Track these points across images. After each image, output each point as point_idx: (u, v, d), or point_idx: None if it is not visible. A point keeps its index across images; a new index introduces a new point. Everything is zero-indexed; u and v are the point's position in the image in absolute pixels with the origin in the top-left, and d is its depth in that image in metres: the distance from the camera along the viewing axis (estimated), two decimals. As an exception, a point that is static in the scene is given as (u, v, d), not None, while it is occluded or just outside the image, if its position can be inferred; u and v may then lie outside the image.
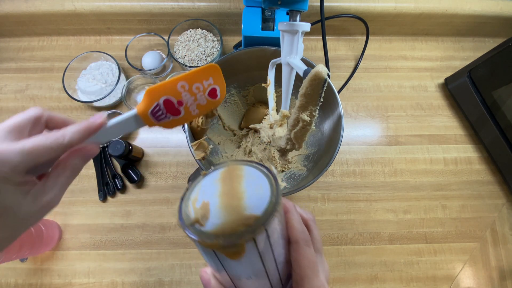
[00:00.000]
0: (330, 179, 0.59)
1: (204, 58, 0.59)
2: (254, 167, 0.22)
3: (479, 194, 0.59)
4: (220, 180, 0.21)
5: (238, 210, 0.19)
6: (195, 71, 0.27)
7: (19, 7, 0.59)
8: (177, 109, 0.27)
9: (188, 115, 0.28)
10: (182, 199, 0.20)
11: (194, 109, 0.28)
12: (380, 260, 0.55)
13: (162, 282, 0.53)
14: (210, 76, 0.28)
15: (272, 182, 0.20)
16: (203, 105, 0.28)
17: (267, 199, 0.19)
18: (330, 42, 0.67)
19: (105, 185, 0.56)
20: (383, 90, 0.65)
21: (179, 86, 0.27)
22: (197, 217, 0.19)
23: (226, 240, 0.17)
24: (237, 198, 0.19)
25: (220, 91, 0.29)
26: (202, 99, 0.28)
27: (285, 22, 0.36)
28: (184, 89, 0.27)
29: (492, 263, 0.55)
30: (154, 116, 0.26)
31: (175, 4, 0.60)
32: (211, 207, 0.19)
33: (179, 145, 0.60)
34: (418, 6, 0.61)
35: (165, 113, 0.27)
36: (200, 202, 0.20)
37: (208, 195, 0.20)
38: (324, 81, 0.29)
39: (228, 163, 0.22)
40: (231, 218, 0.18)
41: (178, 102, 0.27)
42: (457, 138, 0.62)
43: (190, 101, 0.27)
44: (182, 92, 0.27)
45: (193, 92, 0.27)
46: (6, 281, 0.52)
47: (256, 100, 0.57)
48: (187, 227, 0.19)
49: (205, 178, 0.21)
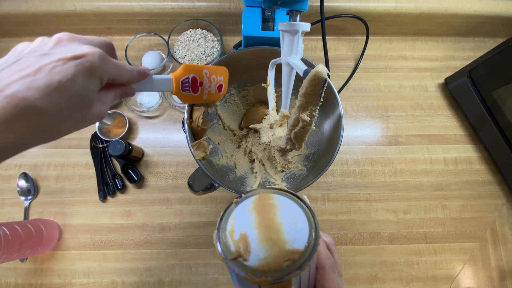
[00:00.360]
0: (330, 179, 0.59)
1: (204, 58, 0.59)
2: (286, 195, 0.22)
3: (479, 194, 0.59)
4: (254, 210, 0.21)
5: (280, 244, 0.19)
6: (215, 66, 0.35)
7: (19, 7, 0.59)
8: (197, 87, 0.33)
9: (200, 96, 0.34)
10: (219, 230, 0.20)
11: (206, 93, 0.34)
12: (380, 260, 0.55)
13: (162, 282, 0.53)
14: (222, 75, 0.36)
15: (308, 214, 0.21)
16: (212, 93, 0.35)
17: (307, 233, 0.20)
18: (330, 42, 0.67)
19: (105, 185, 0.56)
20: (383, 90, 0.65)
21: (204, 72, 0.33)
22: (239, 251, 0.19)
23: (274, 277, 0.18)
24: (275, 230, 0.20)
25: (224, 88, 0.37)
26: (213, 88, 0.35)
27: (285, 22, 0.36)
28: (206, 76, 0.34)
29: (492, 263, 0.55)
30: (182, 85, 0.31)
31: (175, 4, 0.60)
32: (250, 239, 0.19)
33: (179, 145, 0.60)
34: (418, 6, 0.61)
35: (189, 87, 0.32)
36: (237, 233, 0.20)
37: (244, 226, 0.20)
38: (324, 81, 0.29)
39: (258, 191, 0.23)
40: (274, 253, 0.19)
41: (200, 82, 0.33)
42: (457, 138, 0.62)
43: (206, 85, 0.34)
44: (205, 77, 0.33)
45: (210, 80, 0.34)
46: (6, 281, 0.52)
47: (256, 100, 0.57)
48: (230, 261, 0.19)
49: (238, 207, 0.22)
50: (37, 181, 0.57)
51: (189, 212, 0.56)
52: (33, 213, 0.55)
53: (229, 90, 0.53)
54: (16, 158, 0.58)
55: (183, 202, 0.57)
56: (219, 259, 0.19)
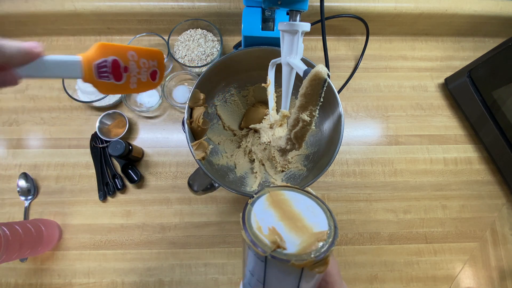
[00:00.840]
0: (330, 179, 0.59)
1: (204, 58, 0.59)
2: (292, 190, 0.25)
3: (479, 194, 0.59)
4: (271, 206, 0.23)
5: (308, 229, 0.21)
6: (145, 48, 0.29)
7: (19, 7, 0.59)
8: (121, 73, 0.27)
9: (127, 85, 0.28)
10: (246, 230, 0.21)
11: (134, 82, 0.29)
12: (380, 260, 0.55)
13: (162, 282, 0.53)
14: (155, 59, 0.30)
15: (317, 201, 0.24)
16: (143, 82, 0.29)
17: (324, 216, 0.22)
18: (330, 42, 0.67)
19: (105, 185, 0.56)
20: (383, 90, 0.65)
21: (129, 55, 0.27)
22: (276, 242, 0.20)
23: (317, 256, 0.19)
24: (299, 219, 0.22)
25: (160, 76, 0.31)
26: (144, 76, 0.29)
27: (285, 22, 0.36)
28: (133, 58, 0.28)
29: (492, 263, 0.55)
30: (97, 71, 0.26)
31: (175, 4, 0.60)
32: (280, 231, 0.21)
33: (179, 145, 0.60)
34: (418, 6, 0.61)
35: (109, 72, 0.26)
36: (265, 228, 0.21)
37: (269, 221, 0.22)
38: (324, 81, 0.29)
39: (267, 190, 0.25)
40: (306, 237, 0.21)
41: (124, 67, 0.27)
42: (457, 138, 0.62)
43: (134, 72, 0.28)
44: (130, 60, 0.27)
45: (139, 65, 0.28)
46: (6, 281, 0.52)
47: (256, 100, 0.57)
48: (272, 253, 0.20)
49: (255, 207, 0.23)
50: (37, 181, 0.57)
51: (189, 212, 0.56)
52: (33, 213, 0.55)
53: (229, 90, 0.53)
54: (16, 158, 0.58)
55: (183, 202, 0.57)
56: (258, 256, 0.20)
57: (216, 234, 0.55)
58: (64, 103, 0.61)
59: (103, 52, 0.26)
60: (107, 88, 0.27)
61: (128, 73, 0.28)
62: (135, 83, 0.29)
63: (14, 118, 0.60)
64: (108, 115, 0.58)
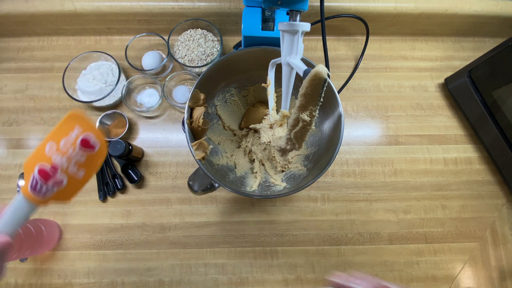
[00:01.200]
0: (330, 179, 0.59)
1: (204, 58, 0.59)
2: None
3: (479, 194, 0.59)
4: None
5: None
6: (57, 125, 0.24)
7: (19, 7, 0.59)
8: (55, 176, 0.23)
9: (74, 180, 0.24)
10: None
11: (76, 170, 0.24)
12: (380, 260, 0.55)
13: (162, 282, 0.53)
14: (75, 125, 0.24)
15: None
16: (84, 162, 0.24)
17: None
18: (330, 42, 0.67)
19: (105, 185, 0.56)
20: (383, 90, 0.65)
21: (48, 149, 0.23)
22: None
23: None
24: None
25: (96, 137, 0.24)
26: (78, 155, 0.24)
27: (285, 22, 0.36)
28: (52, 151, 0.23)
29: (492, 263, 0.55)
30: (36, 191, 0.23)
31: (175, 4, 0.60)
32: None
33: (179, 145, 0.60)
34: (418, 6, 0.61)
35: (43, 185, 0.23)
36: None
37: None
38: (324, 81, 0.29)
39: None
40: None
41: (52, 167, 0.23)
42: (457, 138, 0.62)
43: (64, 163, 0.24)
44: (52, 155, 0.23)
45: (63, 151, 0.23)
46: (6, 281, 0.52)
47: (256, 100, 0.57)
48: None
49: None
50: (37, 181, 0.57)
51: (189, 212, 0.56)
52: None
53: (229, 90, 0.53)
54: (16, 158, 0.58)
55: (183, 202, 0.57)
56: None
57: (216, 234, 0.55)
58: (64, 103, 0.61)
59: (27, 171, 0.23)
60: (63, 196, 0.24)
61: (61, 170, 0.23)
62: (79, 171, 0.24)
63: (14, 118, 0.60)
64: (108, 115, 0.58)
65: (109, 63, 0.61)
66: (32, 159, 0.23)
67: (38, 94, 0.62)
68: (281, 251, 0.55)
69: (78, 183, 0.25)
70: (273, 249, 0.55)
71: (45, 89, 0.62)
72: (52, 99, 0.62)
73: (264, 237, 0.55)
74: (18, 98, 0.62)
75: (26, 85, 0.62)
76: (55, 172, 0.24)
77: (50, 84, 0.62)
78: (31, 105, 0.61)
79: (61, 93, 0.61)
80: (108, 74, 0.60)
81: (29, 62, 0.64)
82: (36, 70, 0.63)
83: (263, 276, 0.54)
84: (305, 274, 0.54)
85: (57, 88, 0.62)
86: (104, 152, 0.25)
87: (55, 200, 0.24)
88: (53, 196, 0.24)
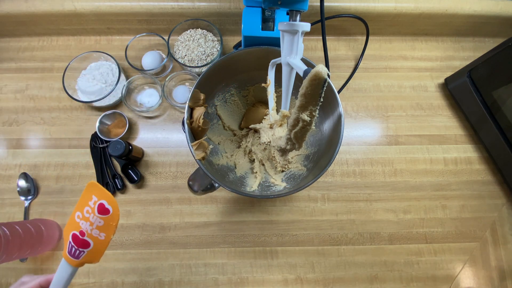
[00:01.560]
0: (330, 179, 0.59)
1: (204, 58, 0.59)
2: None
3: (479, 194, 0.59)
4: None
5: None
6: (81, 196, 0.28)
7: (19, 7, 0.59)
8: (83, 240, 0.27)
9: (98, 242, 0.28)
10: None
11: (99, 233, 0.28)
12: (380, 260, 0.55)
13: (162, 282, 0.53)
14: (92, 195, 0.28)
15: None
16: (102, 226, 0.28)
17: None
18: (330, 42, 0.67)
19: (105, 185, 0.56)
20: (383, 90, 0.65)
21: (76, 217, 0.28)
22: None
23: None
24: None
25: (109, 204, 0.28)
26: (97, 220, 0.28)
27: (285, 22, 0.36)
28: (79, 218, 0.28)
29: (492, 263, 0.55)
30: (73, 256, 0.27)
31: (175, 4, 0.60)
32: None
33: (179, 145, 0.60)
34: (418, 6, 0.61)
35: (77, 249, 0.27)
36: None
37: None
38: (324, 81, 0.29)
39: None
40: None
41: (80, 232, 0.27)
42: (457, 138, 0.62)
43: (88, 228, 0.28)
44: (79, 222, 0.27)
45: (86, 217, 0.28)
46: (6, 281, 0.52)
47: (256, 100, 0.57)
48: None
49: None
50: (37, 181, 0.57)
51: (189, 212, 0.56)
52: (33, 213, 0.55)
53: (229, 90, 0.53)
54: (16, 158, 0.58)
55: (183, 202, 0.57)
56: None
57: (216, 234, 0.55)
58: (64, 103, 0.61)
59: (65, 239, 0.27)
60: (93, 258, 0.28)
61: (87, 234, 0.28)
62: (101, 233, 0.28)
63: (14, 118, 0.60)
64: (108, 115, 0.58)
65: (109, 63, 0.61)
66: (68, 228, 0.28)
67: (38, 94, 0.62)
68: (281, 251, 0.55)
69: (102, 244, 0.28)
70: (273, 249, 0.55)
71: (45, 89, 0.62)
72: (52, 99, 0.62)
73: (264, 237, 0.55)
74: (18, 98, 0.62)
75: (26, 85, 0.62)
76: (83, 236, 0.28)
77: (50, 84, 0.62)
78: (31, 105, 0.61)
79: (61, 93, 0.61)
80: (108, 74, 0.60)
81: (29, 62, 0.64)
82: (36, 70, 0.63)
83: (263, 276, 0.54)
84: (305, 274, 0.54)
85: (57, 88, 0.62)
86: (117, 214, 0.29)
87: (87, 261, 0.28)
88: (85, 257, 0.28)
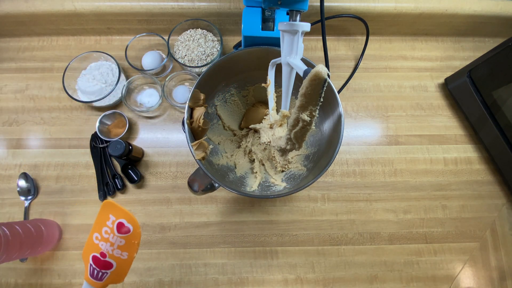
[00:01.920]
0: (330, 179, 0.59)
1: (204, 58, 0.59)
2: None
3: (479, 194, 0.59)
4: None
5: None
6: (97, 217, 0.28)
7: (19, 7, 0.59)
8: (105, 261, 0.27)
9: (121, 262, 0.27)
10: None
11: (121, 253, 0.27)
12: (380, 260, 0.55)
13: (162, 282, 0.53)
14: (109, 214, 0.28)
15: None
16: (124, 245, 0.27)
17: None
18: (330, 42, 0.67)
19: (105, 185, 0.56)
20: (383, 90, 0.65)
21: (95, 238, 0.27)
22: None
23: None
24: None
25: (129, 222, 0.28)
26: (118, 240, 0.27)
27: (285, 22, 0.36)
28: (98, 240, 0.27)
29: (492, 263, 0.55)
30: (96, 278, 0.27)
31: (175, 4, 0.60)
32: None
33: (179, 145, 0.60)
34: (418, 6, 0.61)
35: (99, 270, 0.27)
36: None
37: None
38: (324, 81, 0.29)
39: None
40: None
41: (101, 254, 0.27)
42: (457, 138, 0.62)
43: (109, 248, 0.27)
44: (98, 243, 0.27)
45: (106, 238, 0.27)
46: (6, 281, 0.52)
47: (256, 100, 0.57)
48: None
49: None
50: (37, 181, 0.57)
51: (189, 212, 0.56)
52: (33, 213, 0.55)
53: (229, 90, 0.53)
54: (16, 158, 0.58)
55: (183, 202, 0.57)
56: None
57: (216, 234, 0.55)
58: (64, 103, 0.61)
59: (85, 261, 0.27)
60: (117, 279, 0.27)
61: (108, 255, 0.27)
62: (123, 253, 0.27)
63: (14, 118, 0.60)
64: (108, 115, 0.58)
65: (109, 63, 0.61)
66: (86, 250, 0.27)
67: (38, 94, 0.62)
68: (281, 251, 0.55)
69: (125, 264, 0.28)
70: (273, 249, 0.55)
71: (45, 89, 0.62)
72: (52, 99, 0.62)
73: (264, 237, 0.55)
74: (18, 98, 0.62)
75: (26, 85, 0.62)
76: (105, 257, 0.27)
77: (50, 84, 0.62)
78: (31, 105, 0.61)
79: (61, 93, 0.61)
80: (108, 74, 0.60)
81: (29, 62, 0.64)
82: (36, 70, 0.63)
83: (263, 276, 0.54)
84: (305, 274, 0.54)
85: (57, 88, 0.62)
86: (138, 233, 0.28)
87: (111, 282, 0.27)
88: (109, 278, 0.27)
